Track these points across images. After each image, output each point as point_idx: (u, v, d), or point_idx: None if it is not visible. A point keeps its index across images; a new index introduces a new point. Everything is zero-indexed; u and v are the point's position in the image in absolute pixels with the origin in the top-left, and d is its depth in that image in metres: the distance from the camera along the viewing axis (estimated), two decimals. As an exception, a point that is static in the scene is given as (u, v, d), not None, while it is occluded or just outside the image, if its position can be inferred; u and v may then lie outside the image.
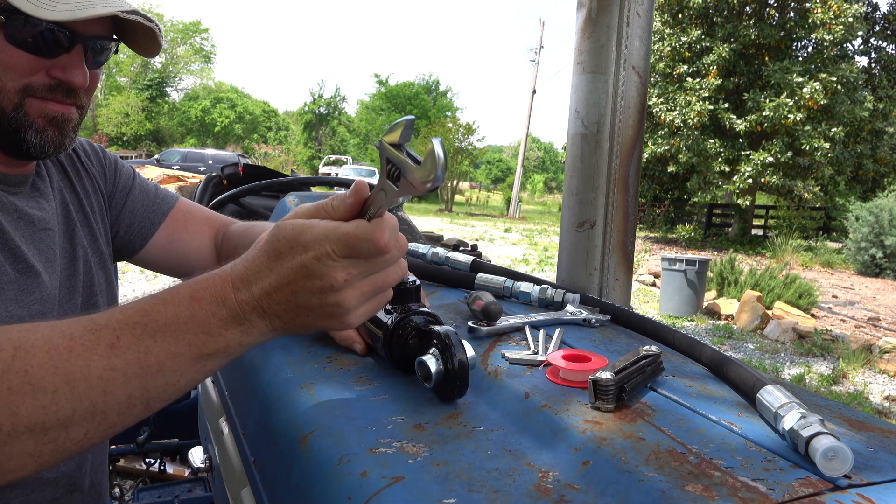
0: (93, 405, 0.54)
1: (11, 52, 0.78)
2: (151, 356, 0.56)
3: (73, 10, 0.77)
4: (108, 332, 0.56)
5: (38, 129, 0.84)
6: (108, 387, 0.55)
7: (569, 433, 0.58)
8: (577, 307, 0.94)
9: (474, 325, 0.85)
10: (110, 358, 0.55)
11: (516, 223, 22.92)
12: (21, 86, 0.81)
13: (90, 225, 1.03)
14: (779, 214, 19.14)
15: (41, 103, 0.83)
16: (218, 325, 0.58)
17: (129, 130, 38.25)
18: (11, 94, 0.80)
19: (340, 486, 0.56)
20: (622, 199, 1.27)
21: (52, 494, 0.93)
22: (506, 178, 56.77)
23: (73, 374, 0.53)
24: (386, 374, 0.76)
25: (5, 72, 0.79)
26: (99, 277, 1.02)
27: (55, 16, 0.76)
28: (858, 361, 5.88)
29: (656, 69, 17.97)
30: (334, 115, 48.11)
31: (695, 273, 7.61)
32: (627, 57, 1.23)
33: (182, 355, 0.57)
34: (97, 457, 1.06)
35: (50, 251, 0.93)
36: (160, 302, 0.59)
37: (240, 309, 0.59)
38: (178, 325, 0.57)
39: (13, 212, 0.88)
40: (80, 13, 0.77)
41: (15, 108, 0.81)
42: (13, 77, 0.80)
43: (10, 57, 0.79)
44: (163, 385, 0.58)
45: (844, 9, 16.39)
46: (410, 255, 1.19)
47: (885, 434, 0.61)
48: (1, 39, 0.78)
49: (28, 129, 0.83)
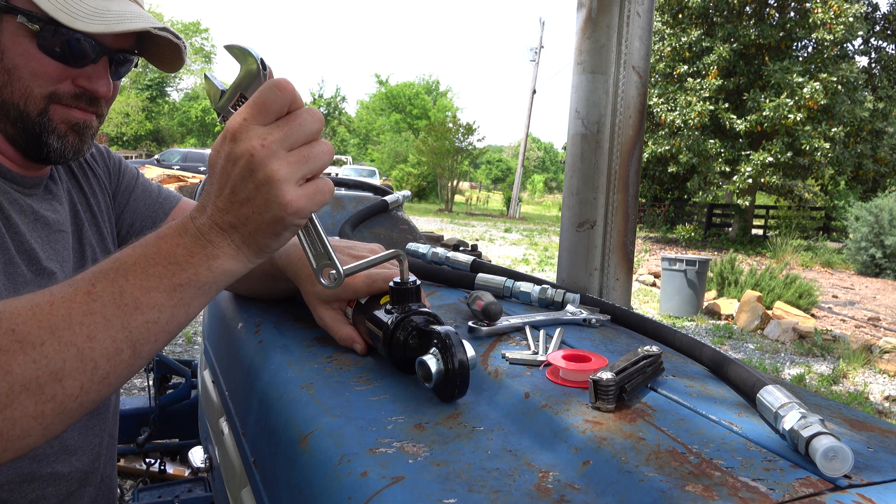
0: (80, 353, 0.56)
1: (42, 59, 0.82)
2: (126, 295, 0.58)
3: (110, 23, 0.80)
4: (84, 282, 0.59)
5: (60, 134, 0.87)
6: (91, 332, 0.56)
7: (569, 433, 0.58)
8: (578, 307, 0.94)
9: (474, 325, 0.85)
10: (88, 303, 0.57)
11: (516, 223, 22.92)
12: (48, 92, 0.84)
13: (98, 224, 1.05)
14: (779, 214, 19.16)
15: (65, 110, 0.86)
16: (184, 254, 0.61)
17: (129, 130, 38.27)
18: (38, 99, 0.84)
19: (341, 486, 0.56)
20: (622, 199, 1.27)
21: (66, 489, 0.95)
22: (506, 178, 56.79)
23: (56, 324, 0.55)
24: (386, 374, 0.76)
25: (33, 78, 0.82)
26: None
27: (92, 28, 0.79)
28: (858, 361, 5.88)
29: (656, 69, 17.98)
30: (334, 115, 48.12)
31: (695, 273, 7.62)
32: (627, 57, 1.23)
33: (154, 288, 0.59)
34: (107, 452, 1.07)
35: (65, 252, 0.95)
36: (129, 247, 0.62)
37: (199, 233, 0.61)
38: (146, 261, 0.60)
39: (30, 213, 0.90)
40: (115, 27, 0.81)
41: (40, 113, 0.84)
42: (40, 83, 0.83)
43: (40, 64, 0.82)
44: (144, 324, 0.59)
45: (845, 9, 16.40)
46: (410, 255, 1.19)
47: (885, 434, 0.61)
48: (33, 47, 0.81)
49: (51, 134, 0.86)
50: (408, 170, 34.34)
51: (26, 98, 0.83)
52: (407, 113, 50.53)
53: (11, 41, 0.80)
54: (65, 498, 0.95)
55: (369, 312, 0.79)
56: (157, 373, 2.45)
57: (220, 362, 1.12)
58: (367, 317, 0.79)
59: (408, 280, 0.74)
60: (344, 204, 1.47)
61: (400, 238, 1.42)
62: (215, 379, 1.18)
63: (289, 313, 0.99)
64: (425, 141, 31.32)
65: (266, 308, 1.03)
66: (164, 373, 2.46)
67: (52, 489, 0.92)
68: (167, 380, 2.52)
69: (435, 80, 58.45)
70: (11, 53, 0.80)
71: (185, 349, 5.47)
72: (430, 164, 31.83)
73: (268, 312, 1.00)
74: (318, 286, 0.81)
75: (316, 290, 0.82)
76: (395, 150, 39.50)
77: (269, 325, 0.95)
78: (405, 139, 41.18)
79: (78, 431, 0.98)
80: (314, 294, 0.83)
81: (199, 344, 2.68)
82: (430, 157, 30.87)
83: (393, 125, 48.95)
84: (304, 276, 0.85)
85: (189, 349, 5.48)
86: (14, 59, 0.81)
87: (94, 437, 1.02)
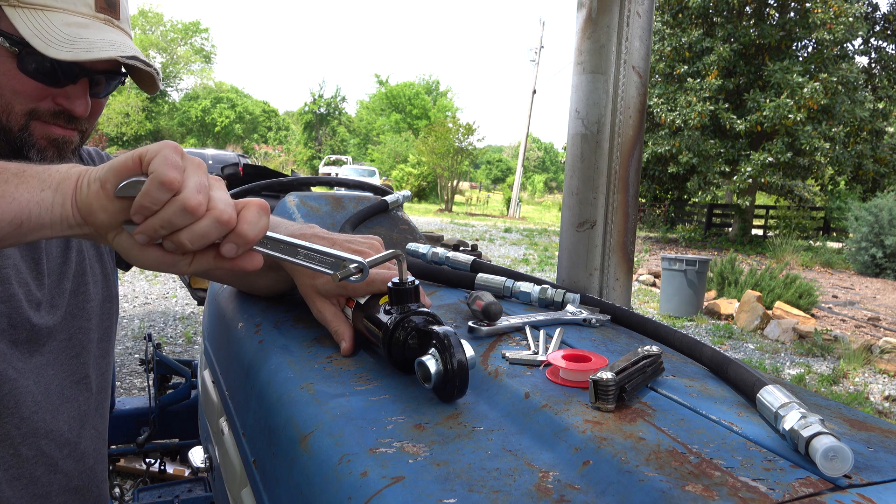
0: None
1: (22, 79, 0.87)
2: None
3: (78, 51, 0.85)
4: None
5: (40, 148, 0.91)
6: None
7: (569, 433, 0.58)
8: (578, 307, 0.94)
9: (474, 325, 0.84)
10: None
11: (516, 223, 22.92)
12: (28, 109, 0.88)
13: None
14: (779, 214, 19.15)
15: (45, 126, 0.90)
16: None
17: (129, 130, 38.27)
18: (19, 116, 0.88)
19: (341, 486, 0.56)
20: (622, 199, 1.27)
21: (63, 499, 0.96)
22: (506, 178, 56.78)
23: None
24: (386, 373, 0.76)
25: (14, 96, 0.87)
26: (94, 269, 1.08)
27: (61, 55, 0.84)
28: (858, 361, 5.88)
29: (657, 69, 17.98)
30: (334, 115, 48.11)
31: (695, 273, 7.61)
32: (628, 57, 1.23)
33: None
34: (98, 457, 1.07)
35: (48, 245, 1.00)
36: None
37: None
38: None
39: None
40: (83, 55, 0.85)
41: (21, 128, 0.89)
42: (21, 101, 0.88)
43: (20, 84, 0.87)
44: None
45: (845, 9, 16.40)
46: (410, 255, 1.19)
47: (885, 434, 0.61)
48: (13, 68, 0.86)
49: (31, 149, 0.90)
50: (408, 170, 34.33)
51: (8, 114, 0.87)
52: (407, 113, 50.52)
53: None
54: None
55: (368, 312, 0.79)
56: (157, 373, 2.45)
57: (220, 362, 1.12)
58: (367, 316, 0.78)
59: (406, 280, 0.74)
60: (344, 204, 1.47)
61: (400, 238, 1.42)
62: (215, 379, 1.18)
63: (289, 313, 0.99)
64: (425, 141, 31.32)
65: (266, 308, 1.03)
66: (164, 373, 2.47)
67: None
68: (167, 380, 2.52)
69: (435, 80, 58.46)
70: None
71: (185, 349, 5.48)
72: (430, 165, 31.82)
73: (268, 312, 1.00)
74: (317, 280, 0.81)
75: (314, 284, 0.82)
76: (395, 150, 39.50)
77: (269, 325, 0.94)
78: (405, 139, 41.17)
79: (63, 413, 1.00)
80: (312, 287, 0.83)
81: (199, 344, 2.68)
82: (430, 158, 30.87)
83: (393, 125, 48.93)
84: (299, 267, 0.85)
85: (189, 349, 5.48)
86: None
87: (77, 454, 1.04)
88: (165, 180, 0.58)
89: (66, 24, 0.86)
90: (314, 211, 1.42)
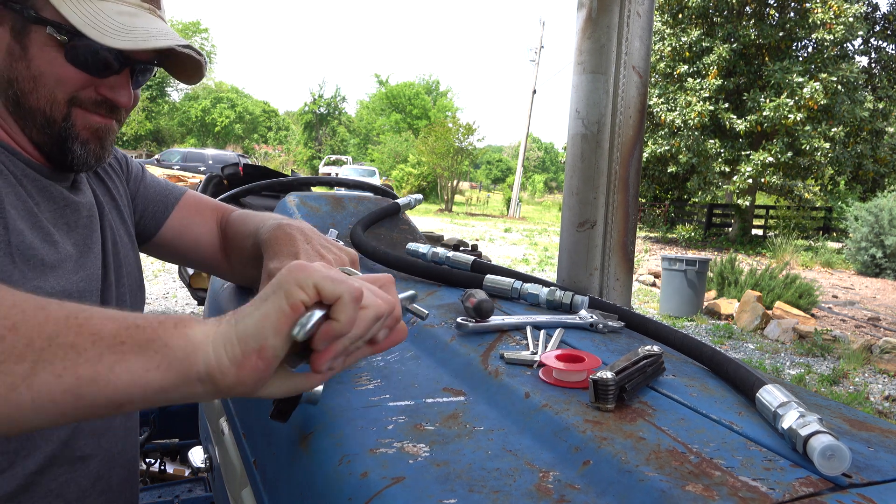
0: None
1: (67, 68, 0.85)
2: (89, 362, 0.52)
3: (136, 40, 0.84)
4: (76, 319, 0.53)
5: (83, 140, 0.90)
6: None
7: (569, 433, 0.58)
8: (588, 311, 0.93)
9: (462, 322, 0.84)
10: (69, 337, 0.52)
11: (516, 223, 22.92)
12: (70, 96, 0.87)
13: (119, 208, 1.09)
14: (779, 214, 19.14)
15: (86, 115, 0.90)
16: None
17: (129, 130, 38.24)
18: (61, 104, 0.87)
19: (341, 487, 0.56)
20: (622, 199, 1.27)
21: (96, 470, 0.96)
22: (506, 178, 56.75)
23: None
24: (386, 373, 0.76)
25: (58, 85, 0.86)
26: (129, 259, 1.08)
27: (120, 44, 0.83)
28: (858, 361, 5.88)
29: (656, 69, 17.97)
30: (334, 115, 48.10)
31: (695, 273, 7.61)
32: (628, 57, 1.23)
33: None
34: (133, 432, 1.07)
35: (95, 234, 1.00)
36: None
37: None
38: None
39: (59, 199, 0.94)
40: (142, 44, 0.84)
41: (64, 118, 0.88)
42: (64, 89, 0.87)
43: (65, 72, 0.86)
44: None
45: (844, 9, 16.38)
46: (410, 255, 1.19)
47: (885, 434, 0.61)
48: (59, 56, 0.84)
49: (74, 141, 0.90)
50: (408, 170, 34.31)
51: (51, 103, 0.86)
52: (407, 113, 50.51)
53: (39, 51, 0.84)
54: (95, 480, 0.95)
55: None
56: (158, 373, 2.44)
57: (221, 362, 1.12)
58: None
59: None
60: (344, 204, 1.47)
61: (400, 238, 1.42)
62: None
63: (289, 313, 0.98)
64: (425, 141, 31.31)
65: (266, 308, 1.02)
66: (164, 373, 2.46)
67: (81, 471, 0.93)
68: (167, 380, 2.52)
69: (435, 80, 58.42)
70: (38, 61, 0.84)
71: (185, 349, 5.46)
72: (430, 164, 31.82)
73: (268, 312, 1.00)
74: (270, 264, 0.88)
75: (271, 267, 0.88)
76: (395, 150, 39.48)
77: (270, 325, 0.94)
78: (405, 139, 41.15)
79: None
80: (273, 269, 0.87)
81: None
82: (430, 157, 30.86)
83: (393, 125, 48.92)
84: (269, 252, 0.91)
85: (189, 349, 5.47)
86: (40, 67, 0.84)
87: (121, 416, 1.02)
88: (357, 295, 0.54)
89: (118, 13, 0.85)
90: (314, 211, 1.42)
